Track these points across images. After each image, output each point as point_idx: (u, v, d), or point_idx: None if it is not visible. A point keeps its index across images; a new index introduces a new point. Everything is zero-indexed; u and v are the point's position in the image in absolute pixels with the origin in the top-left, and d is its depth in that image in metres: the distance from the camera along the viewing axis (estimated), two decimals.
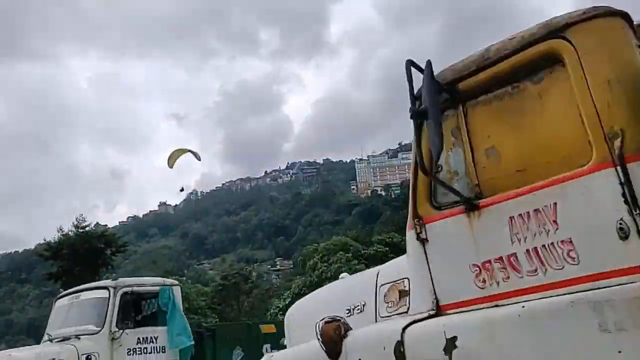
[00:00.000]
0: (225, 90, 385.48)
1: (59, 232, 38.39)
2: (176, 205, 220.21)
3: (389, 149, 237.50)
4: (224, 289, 53.97)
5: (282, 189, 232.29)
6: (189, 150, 26.50)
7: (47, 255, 37.24)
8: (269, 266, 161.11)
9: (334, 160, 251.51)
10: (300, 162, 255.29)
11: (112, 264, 39.69)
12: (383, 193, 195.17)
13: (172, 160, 25.23)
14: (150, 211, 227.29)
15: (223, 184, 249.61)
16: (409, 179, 4.12)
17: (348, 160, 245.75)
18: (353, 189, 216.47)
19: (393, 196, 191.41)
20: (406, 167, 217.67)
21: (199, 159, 26.35)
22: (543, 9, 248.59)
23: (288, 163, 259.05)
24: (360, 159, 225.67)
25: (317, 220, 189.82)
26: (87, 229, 38.97)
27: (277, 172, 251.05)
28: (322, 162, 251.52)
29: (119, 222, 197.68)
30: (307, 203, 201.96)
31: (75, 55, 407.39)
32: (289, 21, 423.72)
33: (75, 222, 38.68)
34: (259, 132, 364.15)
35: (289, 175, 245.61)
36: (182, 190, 45.11)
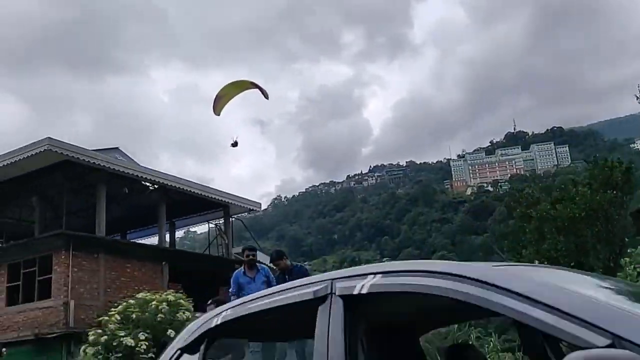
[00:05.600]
0: (307, 95, 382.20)
1: None
2: (265, 209, 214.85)
3: (480, 147, 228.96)
4: None
5: (369, 191, 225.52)
6: (252, 84, 19.81)
7: None
8: None
9: (418, 162, 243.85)
10: (383, 164, 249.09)
11: None
12: (491, 189, 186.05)
13: (220, 105, 18.87)
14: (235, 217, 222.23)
15: (307, 189, 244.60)
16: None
17: (434, 161, 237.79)
18: (447, 187, 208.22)
19: (501, 192, 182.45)
20: (506, 163, 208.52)
21: (267, 97, 19.83)
22: (632, 1, 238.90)
23: (370, 166, 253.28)
24: (456, 158, 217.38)
25: (423, 219, 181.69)
26: None
27: (360, 176, 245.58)
28: (405, 164, 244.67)
29: None
30: (406, 203, 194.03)
31: (157, 66, 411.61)
32: (372, 22, 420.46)
33: None
34: (338, 137, 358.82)
35: (373, 178, 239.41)
36: (234, 144, 36.88)
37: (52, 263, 17.94)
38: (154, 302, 14.94)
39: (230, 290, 9.71)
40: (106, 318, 14.81)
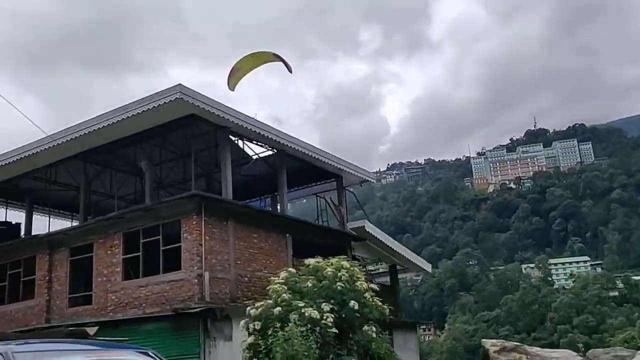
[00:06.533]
0: (324, 93, 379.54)
1: None
2: None
3: (500, 144, 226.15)
4: None
5: (388, 189, 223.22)
6: (274, 56, 17.65)
7: None
8: None
9: (436, 160, 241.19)
10: (402, 162, 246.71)
11: None
12: (513, 186, 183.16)
13: (235, 78, 17.48)
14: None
15: None
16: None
17: (453, 159, 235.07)
18: (468, 185, 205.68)
19: (524, 189, 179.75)
20: (528, 160, 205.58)
21: (291, 71, 17.62)
22: None
23: (389, 164, 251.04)
24: (475, 155, 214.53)
25: (444, 217, 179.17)
26: None
27: (378, 174, 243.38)
28: (423, 162, 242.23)
29: None
30: (427, 200, 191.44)
31: (176, 65, 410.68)
32: (390, 19, 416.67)
33: None
34: (355, 134, 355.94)
35: (392, 176, 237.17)
36: None
37: (180, 230, 15.66)
38: (328, 270, 12.67)
39: None
40: (275, 287, 12.52)
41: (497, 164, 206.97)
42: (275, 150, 19.17)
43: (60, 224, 23.98)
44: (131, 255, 16.42)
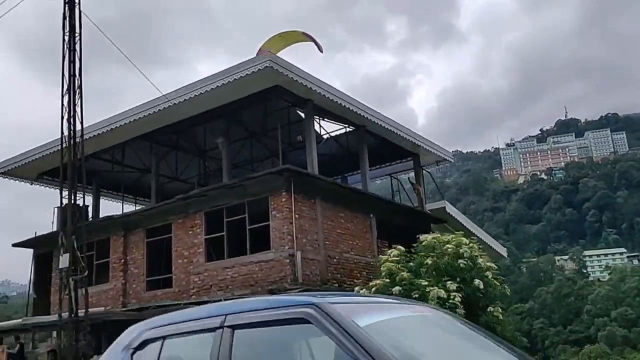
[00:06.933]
0: (351, 84, 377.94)
1: None
2: None
3: (529, 135, 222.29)
4: None
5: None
6: (304, 35, 16.11)
7: None
8: None
9: (464, 152, 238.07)
10: None
11: None
12: (545, 177, 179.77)
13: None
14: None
15: None
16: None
17: (481, 150, 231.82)
18: (497, 176, 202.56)
19: (555, 180, 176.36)
20: (559, 150, 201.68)
21: (322, 50, 16.00)
22: None
23: None
24: (504, 146, 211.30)
25: (474, 209, 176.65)
26: None
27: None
28: (451, 153, 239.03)
29: None
30: (457, 192, 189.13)
31: (203, 59, 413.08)
32: (417, 10, 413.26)
33: None
34: None
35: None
36: None
37: (267, 208, 14.78)
38: (448, 245, 11.66)
39: None
40: (389, 265, 11.56)
41: (527, 154, 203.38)
42: (352, 128, 18.20)
43: (122, 208, 23.36)
44: (214, 236, 15.60)
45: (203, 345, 2.83)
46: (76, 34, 13.85)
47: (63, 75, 13.92)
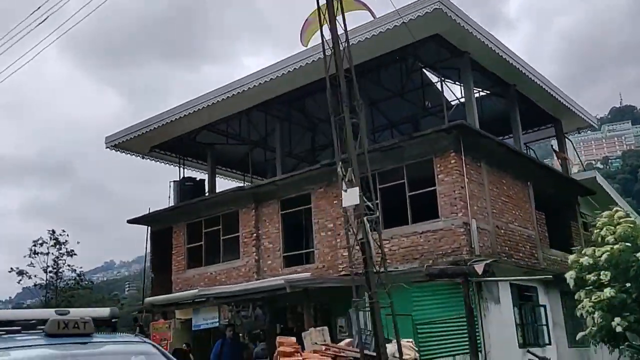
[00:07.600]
0: None
1: None
2: None
3: None
4: None
5: None
6: (356, 1, 13.51)
7: None
8: None
9: None
10: None
11: None
12: (600, 166, 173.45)
13: (310, 32, 14.29)
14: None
15: None
16: None
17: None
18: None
19: (612, 169, 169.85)
20: (615, 139, 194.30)
21: (375, 17, 13.10)
22: None
23: None
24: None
25: None
26: None
27: None
28: None
29: None
30: None
31: (250, 54, 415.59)
32: None
33: None
34: None
35: None
36: None
37: (432, 171, 13.08)
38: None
39: None
40: (625, 227, 9.71)
41: (581, 143, 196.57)
42: (501, 87, 16.34)
43: (229, 184, 22.09)
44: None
45: None
46: None
47: None
